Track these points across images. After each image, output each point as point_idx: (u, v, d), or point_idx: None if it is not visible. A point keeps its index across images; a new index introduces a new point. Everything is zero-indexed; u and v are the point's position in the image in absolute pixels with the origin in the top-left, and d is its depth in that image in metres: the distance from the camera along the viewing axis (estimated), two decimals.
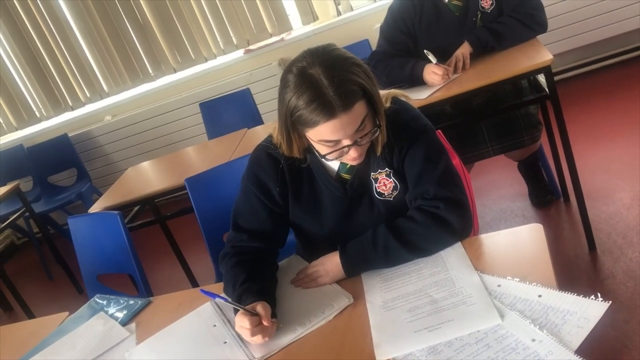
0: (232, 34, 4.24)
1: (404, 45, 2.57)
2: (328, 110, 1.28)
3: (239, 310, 1.36)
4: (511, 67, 2.29)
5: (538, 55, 2.28)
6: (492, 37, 2.44)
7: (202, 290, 1.47)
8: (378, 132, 1.40)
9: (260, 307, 1.35)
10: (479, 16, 2.50)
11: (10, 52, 4.54)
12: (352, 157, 1.41)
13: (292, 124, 1.37)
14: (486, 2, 2.49)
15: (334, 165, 1.53)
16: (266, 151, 1.55)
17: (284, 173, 1.54)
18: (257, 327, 1.32)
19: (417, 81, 2.41)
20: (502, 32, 2.44)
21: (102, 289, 2.32)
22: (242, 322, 1.33)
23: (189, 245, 3.41)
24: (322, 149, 1.40)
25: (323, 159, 1.45)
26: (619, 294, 2.20)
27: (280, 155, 1.52)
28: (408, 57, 2.51)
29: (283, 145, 1.46)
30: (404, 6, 2.56)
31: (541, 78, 2.41)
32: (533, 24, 2.44)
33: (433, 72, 2.38)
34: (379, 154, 1.48)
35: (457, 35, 2.51)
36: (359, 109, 1.32)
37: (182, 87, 4.49)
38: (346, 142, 1.36)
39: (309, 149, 1.49)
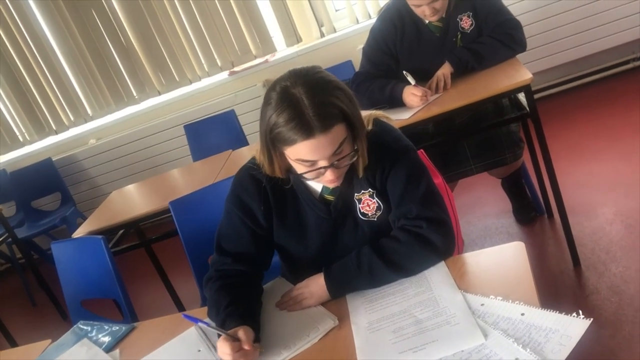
0: (216, 56, 4.26)
1: (386, 66, 2.60)
2: (306, 130, 1.30)
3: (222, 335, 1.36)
4: (492, 87, 2.32)
5: (518, 74, 2.31)
6: (473, 57, 2.48)
7: (185, 315, 1.46)
8: (356, 156, 1.41)
9: (241, 332, 1.34)
10: (459, 36, 2.54)
11: None
12: (329, 179, 1.42)
13: (272, 140, 1.38)
14: (466, 22, 2.53)
15: (317, 186, 1.54)
16: (249, 173, 1.56)
17: (267, 194, 1.55)
18: (239, 352, 1.31)
19: (397, 103, 2.44)
20: (482, 52, 2.48)
21: (86, 315, 2.30)
22: (223, 348, 1.32)
23: (174, 268, 3.38)
24: (299, 168, 1.41)
25: (303, 179, 1.45)
26: (604, 310, 2.22)
27: (263, 176, 1.52)
28: (391, 77, 2.53)
29: (265, 163, 1.47)
30: (385, 28, 2.59)
31: (521, 96, 2.45)
32: (512, 43, 2.48)
33: (412, 94, 2.40)
34: (360, 175, 1.49)
35: (438, 55, 2.54)
36: (338, 131, 1.34)
37: (166, 110, 4.49)
38: (323, 163, 1.37)
39: (291, 169, 1.49)
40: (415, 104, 2.40)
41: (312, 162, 1.37)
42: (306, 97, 1.30)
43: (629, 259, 2.41)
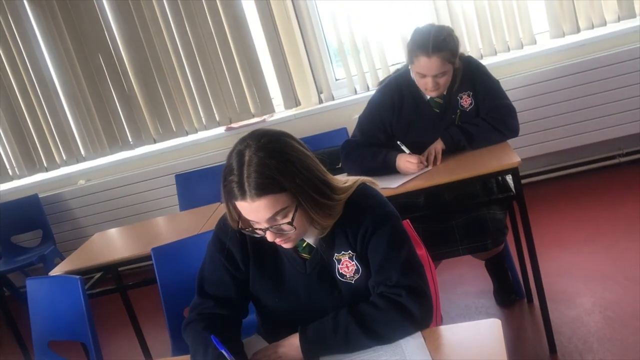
0: (215, 111, 4.32)
1: (377, 140, 2.64)
2: (241, 192, 1.38)
3: None
4: (480, 167, 2.38)
5: (506, 157, 2.37)
6: (465, 138, 2.54)
7: (213, 338, 1.42)
8: (293, 229, 1.43)
9: None
10: (459, 114, 2.61)
11: None
12: (271, 240, 1.46)
13: (224, 189, 1.44)
14: (465, 101, 2.60)
15: None
16: None
17: (246, 242, 1.57)
18: None
19: (390, 169, 2.48)
20: (475, 134, 2.54)
21: (51, 357, 2.23)
22: None
23: (148, 317, 3.32)
24: (245, 223, 1.47)
25: (255, 234, 1.49)
26: None
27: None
28: (380, 148, 2.58)
29: (227, 213, 1.51)
30: (383, 102, 2.65)
31: (509, 179, 2.49)
32: (504, 129, 2.55)
33: (408, 161, 2.45)
34: (323, 235, 1.52)
35: (434, 131, 2.60)
36: (272, 201, 1.38)
37: (160, 158, 4.51)
38: (260, 225, 1.44)
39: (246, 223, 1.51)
40: (410, 170, 2.44)
41: (253, 221, 1.44)
42: (252, 162, 1.37)
43: (605, 351, 2.40)
